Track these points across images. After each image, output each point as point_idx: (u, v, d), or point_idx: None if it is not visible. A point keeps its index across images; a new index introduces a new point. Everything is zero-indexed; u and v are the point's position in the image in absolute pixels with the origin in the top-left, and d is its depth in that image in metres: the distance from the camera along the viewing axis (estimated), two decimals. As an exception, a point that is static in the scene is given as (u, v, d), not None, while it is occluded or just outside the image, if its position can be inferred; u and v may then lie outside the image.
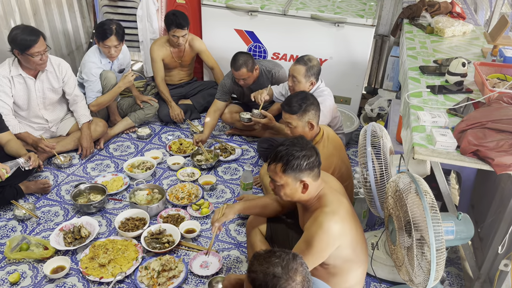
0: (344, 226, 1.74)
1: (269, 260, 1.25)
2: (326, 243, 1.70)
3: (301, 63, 2.77)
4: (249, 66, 3.14)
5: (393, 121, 2.77)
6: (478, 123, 1.80)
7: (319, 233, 1.69)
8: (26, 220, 2.64)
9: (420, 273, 1.64)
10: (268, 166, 1.82)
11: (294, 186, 1.76)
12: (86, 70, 3.23)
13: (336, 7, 3.65)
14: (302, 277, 1.24)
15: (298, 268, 1.24)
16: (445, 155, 1.78)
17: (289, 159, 1.73)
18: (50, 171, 3.07)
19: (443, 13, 3.35)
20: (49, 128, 3.18)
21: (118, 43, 3.20)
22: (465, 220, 1.82)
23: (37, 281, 2.27)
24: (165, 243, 2.46)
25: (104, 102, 3.29)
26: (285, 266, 1.23)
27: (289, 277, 1.22)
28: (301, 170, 1.73)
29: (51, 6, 3.68)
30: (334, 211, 1.73)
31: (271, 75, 3.28)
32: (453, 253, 2.56)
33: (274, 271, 1.22)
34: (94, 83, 3.23)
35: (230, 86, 3.35)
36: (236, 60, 3.14)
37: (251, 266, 1.28)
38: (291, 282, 1.21)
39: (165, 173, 3.13)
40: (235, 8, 3.63)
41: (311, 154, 1.75)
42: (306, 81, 2.78)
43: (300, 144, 1.77)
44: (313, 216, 1.76)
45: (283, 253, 1.27)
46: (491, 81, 2.24)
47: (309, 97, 2.37)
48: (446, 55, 2.80)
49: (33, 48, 2.73)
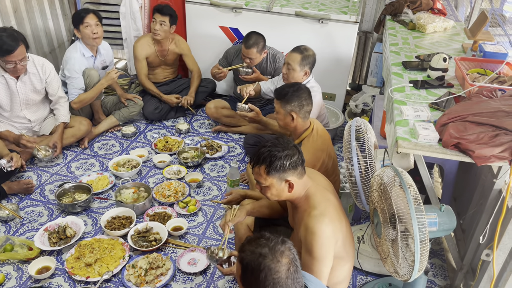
0: (335, 226, 1.75)
1: (258, 242, 1.29)
2: (327, 247, 1.71)
3: (297, 51, 2.78)
4: (259, 47, 3.20)
5: (377, 116, 2.81)
6: (459, 116, 1.84)
7: (316, 240, 1.69)
8: (10, 221, 2.60)
9: (405, 264, 1.67)
10: (252, 169, 1.82)
11: (280, 186, 1.77)
12: (68, 66, 3.18)
13: (320, 4, 3.67)
14: (288, 259, 1.27)
15: (285, 251, 1.28)
16: (428, 148, 1.82)
17: (271, 160, 1.73)
18: (33, 171, 3.02)
19: (424, 10, 3.40)
20: (31, 127, 3.13)
21: (97, 20, 3.18)
22: (447, 212, 1.85)
23: (22, 282, 2.24)
24: (152, 241, 2.45)
25: (86, 99, 3.24)
26: (272, 248, 1.27)
27: (275, 258, 1.25)
28: (285, 170, 1.73)
29: (32, 3, 3.62)
30: (323, 212, 1.73)
31: (275, 60, 3.30)
32: (437, 244, 2.61)
33: (261, 251, 1.26)
34: (76, 79, 3.19)
35: (232, 56, 3.44)
36: (248, 38, 3.19)
37: (241, 247, 1.32)
38: (276, 263, 1.25)
39: (151, 171, 3.11)
40: (219, 5, 3.62)
41: (293, 153, 1.75)
42: (300, 70, 2.78)
43: (281, 144, 1.77)
44: (303, 222, 1.76)
45: (272, 236, 1.31)
46: (471, 75, 2.28)
47: (301, 89, 2.34)
48: (428, 50, 2.85)
49: (9, 56, 2.67)
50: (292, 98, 2.30)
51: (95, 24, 3.16)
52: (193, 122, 3.74)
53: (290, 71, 2.80)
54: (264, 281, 1.23)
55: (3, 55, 2.67)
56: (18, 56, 2.70)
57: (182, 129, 3.55)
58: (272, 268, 1.24)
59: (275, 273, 1.24)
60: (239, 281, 1.32)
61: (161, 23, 3.40)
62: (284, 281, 1.24)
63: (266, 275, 1.23)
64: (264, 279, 1.23)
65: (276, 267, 1.24)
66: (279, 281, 1.24)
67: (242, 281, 1.30)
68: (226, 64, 3.50)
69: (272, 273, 1.24)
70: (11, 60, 2.69)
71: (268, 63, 3.33)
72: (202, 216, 2.74)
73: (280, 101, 2.32)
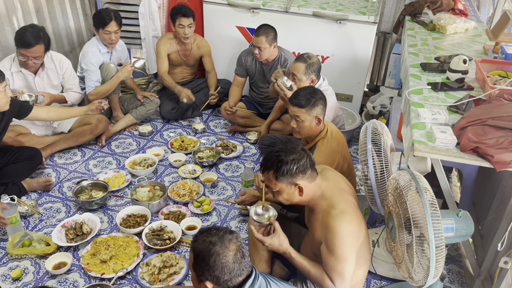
0: (355, 225, 1.72)
1: (209, 232, 1.44)
2: (350, 245, 1.69)
3: (301, 61, 2.77)
4: (269, 37, 3.19)
5: (395, 118, 2.77)
6: (478, 120, 1.79)
7: (338, 240, 1.67)
8: (29, 217, 2.66)
9: (420, 270, 1.64)
10: (262, 174, 1.81)
11: (290, 191, 1.76)
12: (86, 60, 3.26)
13: (338, 4, 3.64)
14: (235, 246, 1.41)
15: (232, 239, 1.42)
16: (445, 152, 1.78)
17: (278, 166, 1.72)
18: (52, 168, 3.08)
19: (445, 10, 3.34)
20: (50, 123, 3.20)
21: (118, 28, 3.25)
22: (465, 217, 1.81)
23: (39, 277, 2.28)
24: (166, 240, 2.47)
25: (102, 92, 3.28)
26: (221, 236, 1.41)
27: (223, 244, 1.39)
28: (292, 174, 1.72)
29: (53, 3, 3.69)
30: (343, 211, 1.71)
31: (285, 65, 3.30)
32: (454, 250, 2.55)
33: (211, 239, 1.40)
34: (93, 72, 3.26)
35: (245, 59, 3.43)
36: (260, 28, 3.20)
37: (194, 237, 1.45)
38: (225, 249, 1.39)
39: (167, 170, 3.14)
40: (237, 5, 3.63)
41: (300, 157, 1.73)
42: (306, 79, 2.78)
43: (289, 149, 1.75)
44: (322, 222, 1.74)
45: (222, 227, 1.46)
46: (492, 78, 2.23)
47: (318, 91, 2.35)
48: (448, 52, 2.79)
49: (25, 50, 2.76)
50: (316, 103, 2.28)
51: (115, 32, 3.24)
52: (209, 122, 3.76)
53: (296, 81, 2.80)
54: (213, 265, 1.37)
55: (20, 46, 2.77)
56: (34, 53, 2.79)
57: (198, 128, 3.57)
58: (220, 253, 1.38)
59: (223, 258, 1.38)
60: (191, 268, 1.45)
61: (190, 25, 3.44)
62: (232, 265, 1.38)
63: (215, 259, 1.37)
64: (213, 264, 1.37)
65: (224, 252, 1.38)
66: (227, 265, 1.38)
67: (194, 268, 1.43)
68: (243, 70, 3.47)
69: (221, 258, 1.38)
70: (25, 54, 2.79)
71: (279, 65, 3.32)
72: (216, 216, 2.75)
73: (305, 108, 2.28)
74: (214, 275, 1.38)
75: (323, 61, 3.67)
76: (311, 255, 1.86)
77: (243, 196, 2.57)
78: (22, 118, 2.65)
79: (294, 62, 2.81)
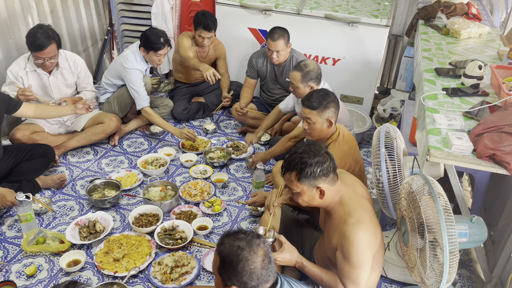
0: (371, 233, 1.73)
1: (236, 236, 1.40)
2: (365, 254, 1.69)
3: (297, 70, 2.80)
4: (285, 39, 3.21)
5: (407, 122, 2.77)
6: (495, 126, 1.80)
7: (354, 248, 1.68)
8: (43, 214, 2.69)
9: (432, 275, 1.64)
10: (283, 175, 1.81)
11: (311, 193, 1.76)
12: (132, 78, 3.21)
13: (350, 6, 3.65)
14: (264, 252, 1.38)
15: (260, 244, 1.39)
16: (461, 159, 1.78)
17: (302, 167, 1.72)
18: (65, 166, 3.12)
19: (459, 14, 3.32)
20: (64, 122, 3.24)
21: (168, 51, 3.27)
22: (478, 223, 1.82)
23: (53, 274, 2.31)
24: (178, 239, 2.49)
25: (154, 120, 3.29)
26: (249, 241, 1.38)
27: (252, 250, 1.36)
28: (315, 177, 1.72)
29: (68, 3, 3.73)
30: (359, 220, 1.71)
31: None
32: (465, 255, 2.55)
33: (239, 244, 1.37)
34: (142, 89, 3.24)
35: (256, 61, 3.44)
36: (274, 31, 3.20)
37: (220, 240, 1.42)
38: (253, 254, 1.36)
39: (178, 170, 3.16)
40: (249, 7, 3.64)
41: (324, 160, 1.74)
42: (304, 86, 2.79)
43: (312, 151, 1.76)
44: (339, 229, 1.74)
45: (249, 232, 1.43)
46: (507, 84, 2.22)
47: (330, 94, 2.36)
48: (462, 57, 2.79)
49: (40, 52, 2.79)
50: (328, 105, 2.29)
51: (164, 54, 3.24)
52: (219, 123, 3.77)
53: (295, 89, 2.84)
54: (241, 271, 1.34)
55: (34, 50, 2.79)
56: (49, 53, 2.82)
57: (209, 129, 3.59)
58: (249, 259, 1.35)
59: (251, 264, 1.35)
60: (216, 272, 1.41)
61: (210, 37, 3.47)
62: (260, 271, 1.35)
63: (244, 265, 1.34)
64: (242, 269, 1.34)
65: (252, 258, 1.35)
66: (255, 271, 1.35)
67: (220, 272, 1.39)
68: (254, 72, 3.48)
69: (249, 264, 1.34)
70: (40, 57, 2.82)
71: (291, 65, 3.32)
72: (227, 216, 2.76)
73: (316, 110, 2.29)
74: (242, 280, 1.35)
75: (334, 64, 3.68)
76: (326, 259, 1.87)
77: (254, 197, 2.58)
78: (11, 113, 2.66)
79: (292, 70, 2.84)
